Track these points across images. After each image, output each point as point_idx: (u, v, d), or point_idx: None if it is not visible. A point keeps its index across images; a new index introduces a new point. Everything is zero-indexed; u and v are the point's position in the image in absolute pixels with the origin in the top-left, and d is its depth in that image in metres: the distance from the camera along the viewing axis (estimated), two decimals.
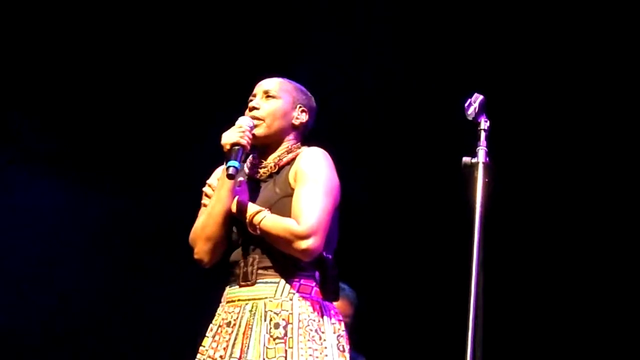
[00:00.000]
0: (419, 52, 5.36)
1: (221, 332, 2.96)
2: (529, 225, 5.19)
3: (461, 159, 2.59)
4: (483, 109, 2.64)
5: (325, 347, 2.91)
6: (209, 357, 2.95)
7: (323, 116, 3.26)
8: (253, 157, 3.14)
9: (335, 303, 3.04)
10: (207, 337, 3.01)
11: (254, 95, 3.15)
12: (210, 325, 3.03)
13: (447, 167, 3.07)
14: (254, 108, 3.09)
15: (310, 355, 2.87)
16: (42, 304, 5.56)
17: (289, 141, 3.11)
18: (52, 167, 5.59)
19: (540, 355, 5.16)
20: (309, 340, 2.89)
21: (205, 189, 3.12)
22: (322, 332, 2.93)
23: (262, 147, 3.10)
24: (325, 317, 2.96)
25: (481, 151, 2.59)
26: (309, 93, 3.20)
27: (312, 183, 2.95)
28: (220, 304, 3.05)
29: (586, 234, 5.15)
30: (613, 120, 5.16)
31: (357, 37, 5.44)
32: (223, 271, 3.07)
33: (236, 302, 2.97)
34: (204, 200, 3.10)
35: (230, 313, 2.97)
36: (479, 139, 2.61)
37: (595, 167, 5.15)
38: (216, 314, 3.05)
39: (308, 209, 2.91)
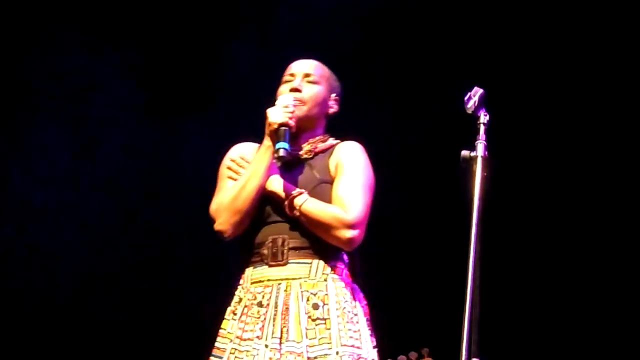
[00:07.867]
0: (419, 44, 5.36)
1: (248, 312, 2.91)
2: (528, 218, 5.19)
3: (460, 152, 2.61)
4: (483, 102, 2.65)
5: (359, 330, 2.91)
6: (237, 337, 2.88)
7: None
8: None
9: None
10: (227, 319, 2.96)
11: (293, 75, 3.12)
12: (230, 307, 2.97)
13: (445, 160, 3.07)
14: (296, 90, 3.07)
15: (351, 337, 2.87)
16: None
17: (321, 129, 3.12)
18: None
19: (536, 350, 5.17)
20: (347, 322, 2.88)
21: (230, 163, 3.07)
22: (355, 314, 2.93)
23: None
24: (356, 299, 2.97)
25: (480, 145, 2.60)
26: (338, 80, 3.20)
27: (358, 176, 2.97)
28: (240, 285, 2.99)
29: (585, 228, 5.15)
30: (613, 113, 5.15)
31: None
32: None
33: (265, 282, 2.93)
34: (229, 173, 3.05)
35: (259, 293, 2.92)
36: (478, 132, 2.62)
37: (595, 161, 5.15)
38: (236, 295, 2.99)
39: (356, 200, 2.92)
